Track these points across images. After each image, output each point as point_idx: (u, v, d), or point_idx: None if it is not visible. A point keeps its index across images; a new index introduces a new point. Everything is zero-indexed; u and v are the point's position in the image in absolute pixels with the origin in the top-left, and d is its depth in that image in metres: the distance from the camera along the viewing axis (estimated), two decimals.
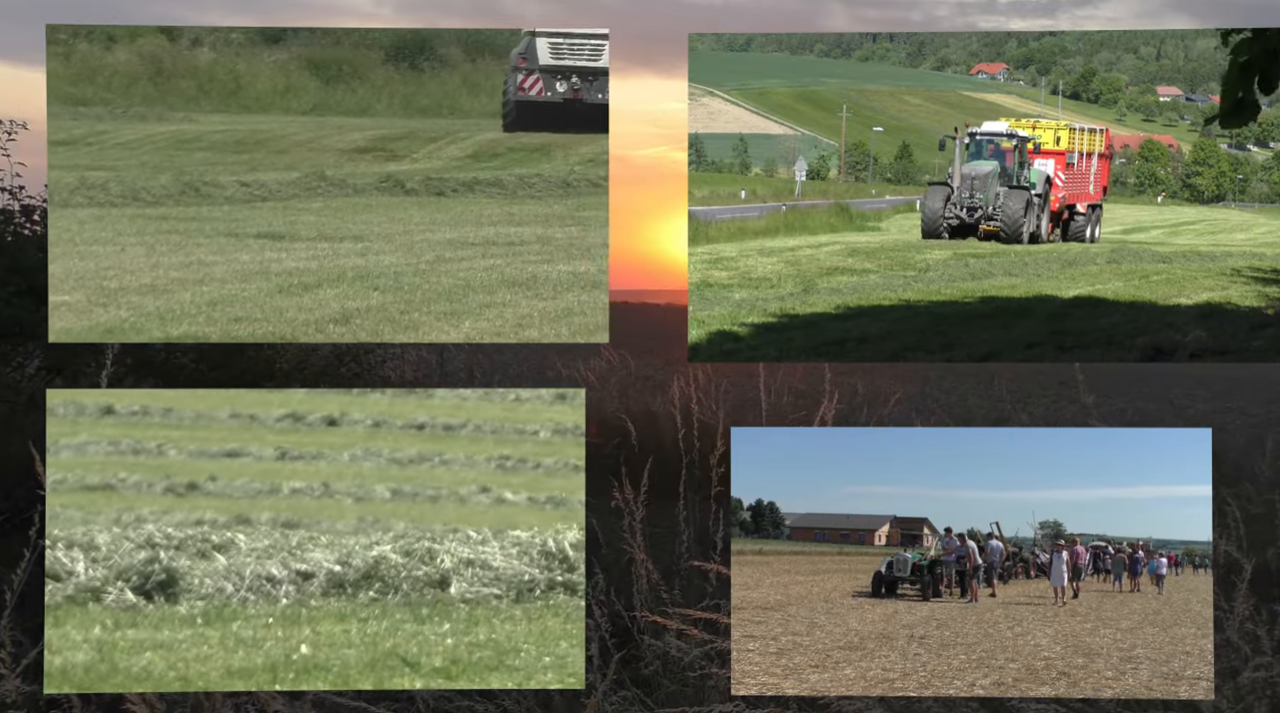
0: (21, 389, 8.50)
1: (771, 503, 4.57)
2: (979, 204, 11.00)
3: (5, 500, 6.70)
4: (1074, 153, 11.55)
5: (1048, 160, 11.41)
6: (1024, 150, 11.61)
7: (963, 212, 10.87)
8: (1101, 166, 11.74)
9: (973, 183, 11.14)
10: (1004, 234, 10.73)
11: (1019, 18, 59.96)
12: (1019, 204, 10.95)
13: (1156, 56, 14.91)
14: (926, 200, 11.25)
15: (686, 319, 5.50)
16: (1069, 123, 11.69)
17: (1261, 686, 4.42)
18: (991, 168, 11.36)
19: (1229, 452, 10.48)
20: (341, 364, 10.46)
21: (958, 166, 11.57)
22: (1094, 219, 11.40)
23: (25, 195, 9.30)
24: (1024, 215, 10.91)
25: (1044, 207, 11.26)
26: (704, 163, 13.37)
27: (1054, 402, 14.81)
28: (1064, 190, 11.31)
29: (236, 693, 4.30)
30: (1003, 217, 10.87)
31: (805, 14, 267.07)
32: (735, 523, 4.67)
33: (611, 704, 4.61)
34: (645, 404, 10.74)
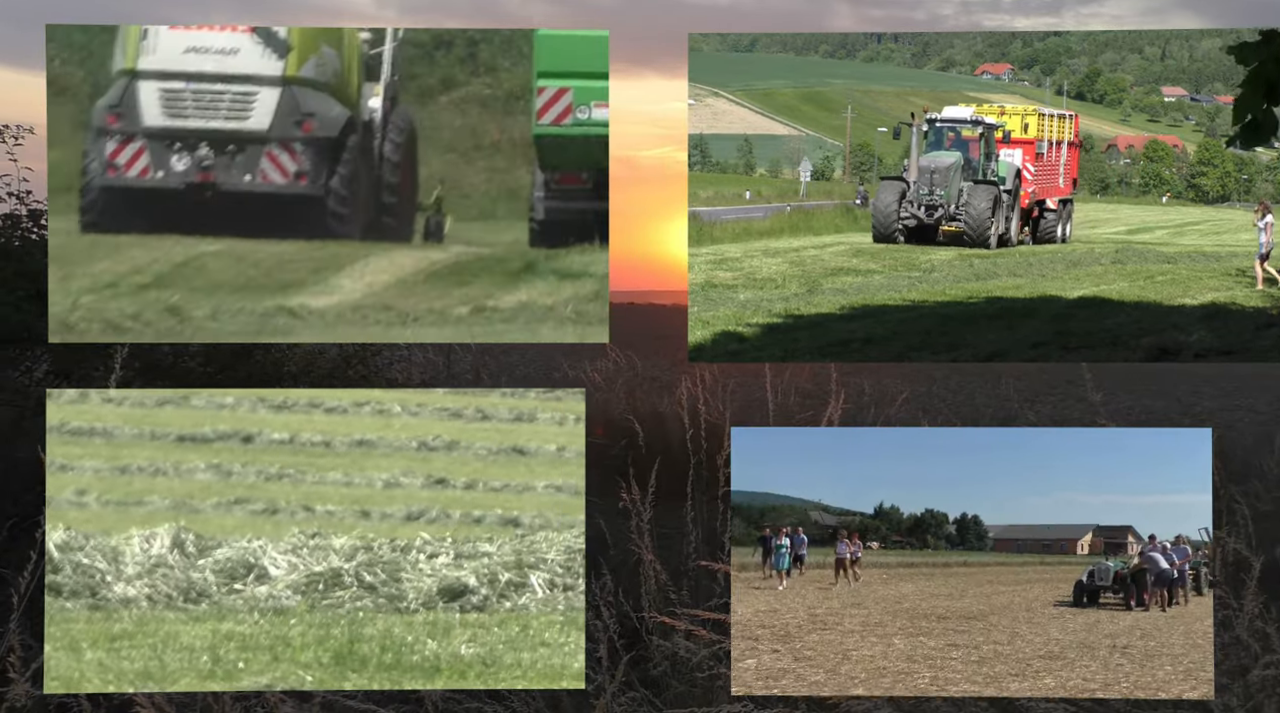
0: (30, 393, 8.51)
1: (975, 516, 4.61)
2: (939, 202, 9.68)
3: (14, 505, 6.71)
4: (1043, 141, 10.44)
5: (1015, 150, 10.25)
6: (991, 139, 10.33)
7: (920, 210, 9.60)
8: (1071, 156, 10.64)
9: (932, 177, 9.85)
10: (968, 236, 9.43)
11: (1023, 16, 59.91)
12: (985, 201, 9.60)
13: (1161, 57, 14.90)
14: (878, 197, 9.88)
15: (686, 320, 5.52)
16: (1037, 107, 10.68)
17: (1271, 683, 4.42)
18: (954, 160, 10.09)
19: (1237, 449, 10.36)
20: (349, 366, 10.47)
21: (914, 158, 10.29)
22: (1065, 216, 10.24)
23: (32, 200, 9.33)
24: (991, 214, 9.56)
25: (1014, 203, 9.93)
26: (709, 164, 13.38)
27: (1061, 401, 14.80)
28: (1034, 184, 10.16)
29: (245, 695, 4.32)
30: (967, 216, 9.52)
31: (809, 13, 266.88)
32: (942, 536, 4.75)
33: (620, 705, 4.61)
34: (652, 405, 10.73)
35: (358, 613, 4.69)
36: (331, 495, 6.31)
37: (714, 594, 5.11)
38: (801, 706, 4.42)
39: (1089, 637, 4.73)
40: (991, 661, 4.42)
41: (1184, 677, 4.33)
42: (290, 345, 9.73)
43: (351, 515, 5.95)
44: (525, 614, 4.72)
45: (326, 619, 4.62)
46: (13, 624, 4.45)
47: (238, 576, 4.88)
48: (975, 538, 4.80)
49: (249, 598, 4.76)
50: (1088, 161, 13.21)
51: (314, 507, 6.04)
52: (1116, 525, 4.94)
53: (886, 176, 10.27)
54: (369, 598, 4.79)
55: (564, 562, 4.87)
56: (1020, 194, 9.99)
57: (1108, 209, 12.59)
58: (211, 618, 4.63)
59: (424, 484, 6.59)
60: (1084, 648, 4.57)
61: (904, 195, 9.72)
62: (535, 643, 4.49)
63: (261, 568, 4.91)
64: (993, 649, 4.54)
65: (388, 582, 4.89)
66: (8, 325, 8.32)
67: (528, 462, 7.04)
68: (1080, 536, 5.25)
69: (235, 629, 4.53)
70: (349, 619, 4.63)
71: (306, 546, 5.11)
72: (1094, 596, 5.21)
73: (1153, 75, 14.64)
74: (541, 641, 4.51)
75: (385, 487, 6.57)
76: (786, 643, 4.52)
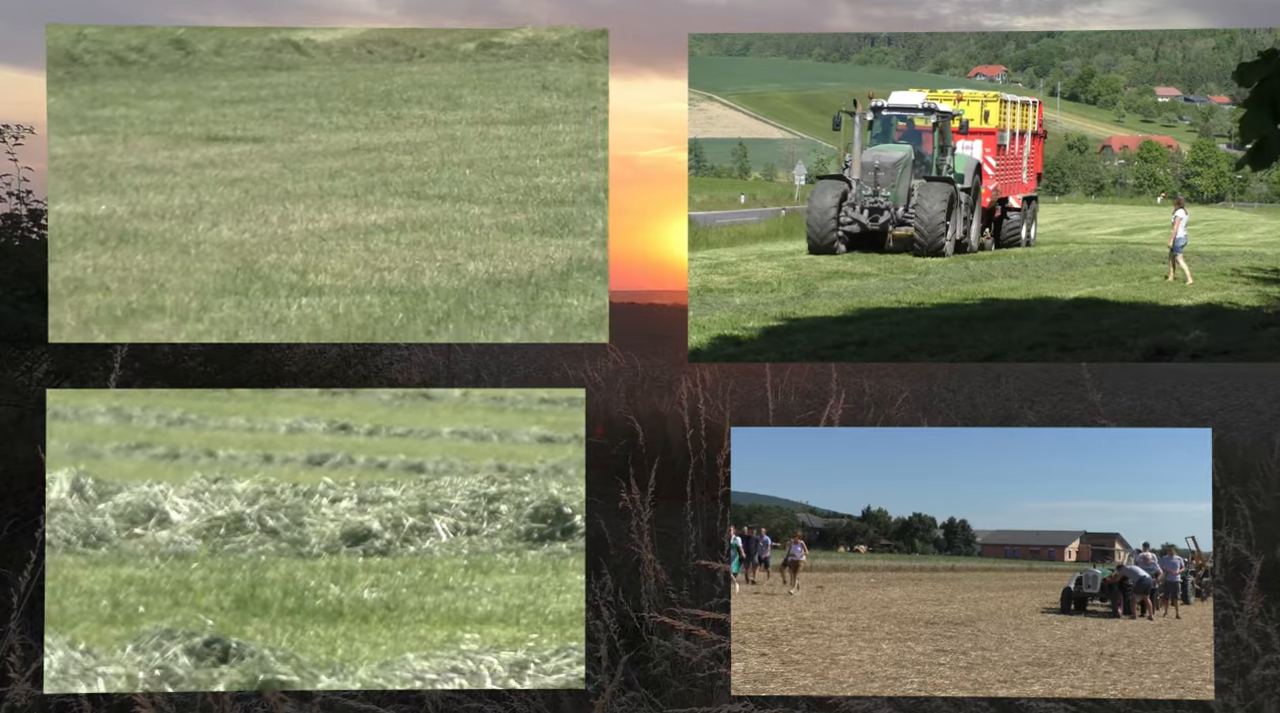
0: (30, 393, 8.52)
1: (964, 520, 4.61)
2: (884, 203, 8.44)
3: (15, 505, 6.72)
4: (1005, 132, 9.13)
5: (974, 142, 8.98)
6: (946, 130, 9.00)
7: (864, 214, 8.38)
8: (1035, 148, 9.48)
9: (876, 174, 8.64)
10: (920, 243, 8.15)
11: (1023, 15, 59.86)
12: (939, 202, 8.23)
13: (1155, 57, 14.93)
14: (813, 200, 8.52)
15: (687, 320, 5.54)
16: (998, 93, 9.30)
17: (1271, 683, 4.44)
18: (902, 154, 8.83)
19: (1237, 450, 10.35)
20: (349, 366, 10.50)
21: (857, 152, 9.08)
22: (1029, 216, 9.04)
23: (32, 200, 9.35)
24: (946, 216, 8.20)
25: (974, 203, 8.59)
26: (703, 167, 13.39)
27: (1061, 401, 14.84)
28: (996, 181, 8.89)
29: (245, 694, 4.32)
30: (918, 219, 8.19)
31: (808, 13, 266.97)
32: (929, 540, 4.75)
33: (620, 705, 4.63)
34: (652, 405, 10.74)
35: (260, 558, 4.62)
36: (234, 440, 6.18)
37: (714, 594, 5.13)
38: (801, 706, 4.44)
39: (1076, 644, 4.75)
40: (980, 667, 4.43)
41: (1183, 677, 4.35)
42: (290, 345, 9.74)
43: (254, 461, 5.85)
44: (429, 559, 4.67)
45: (228, 564, 4.53)
46: (13, 624, 4.46)
47: (138, 520, 4.78)
48: (963, 543, 4.80)
49: (150, 543, 4.66)
50: (1081, 162, 13.24)
51: (216, 452, 5.92)
52: (1104, 533, 4.96)
53: (823, 175, 8.96)
54: (271, 543, 4.70)
55: (468, 506, 4.83)
56: (981, 192, 8.76)
57: (1102, 210, 12.61)
58: (111, 563, 4.55)
59: (327, 430, 6.51)
60: (1072, 655, 4.58)
61: (845, 197, 8.48)
62: (439, 587, 4.44)
63: (162, 513, 4.80)
64: (981, 655, 4.55)
65: (290, 526, 4.79)
66: (8, 325, 8.33)
67: (432, 407, 6.90)
68: (1068, 542, 5.25)
69: (136, 574, 4.45)
70: (251, 564, 4.56)
71: (208, 490, 5.00)
72: (1081, 603, 5.22)
73: (1146, 76, 14.67)
74: (446, 584, 4.47)
75: (289, 432, 6.46)
76: (774, 646, 4.53)
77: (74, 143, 6.36)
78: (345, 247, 5.30)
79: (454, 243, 5.43)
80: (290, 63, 7.20)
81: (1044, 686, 4.29)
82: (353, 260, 5.08)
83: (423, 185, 6.20)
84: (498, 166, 6.40)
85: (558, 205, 5.84)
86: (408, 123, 7.07)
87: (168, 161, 6.40)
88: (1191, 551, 4.69)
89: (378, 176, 6.39)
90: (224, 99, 7.10)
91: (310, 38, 6.49)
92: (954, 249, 8.19)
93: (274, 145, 6.82)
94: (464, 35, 6.59)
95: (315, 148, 6.75)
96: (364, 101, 7.16)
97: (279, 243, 5.36)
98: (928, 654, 4.46)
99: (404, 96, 7.28)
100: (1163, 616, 4.99)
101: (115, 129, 6.81)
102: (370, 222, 5.78)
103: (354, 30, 6.32)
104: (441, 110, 7.16)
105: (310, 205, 5.93)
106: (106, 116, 6.89)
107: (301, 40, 7.06)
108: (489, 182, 6.19)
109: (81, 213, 5.60)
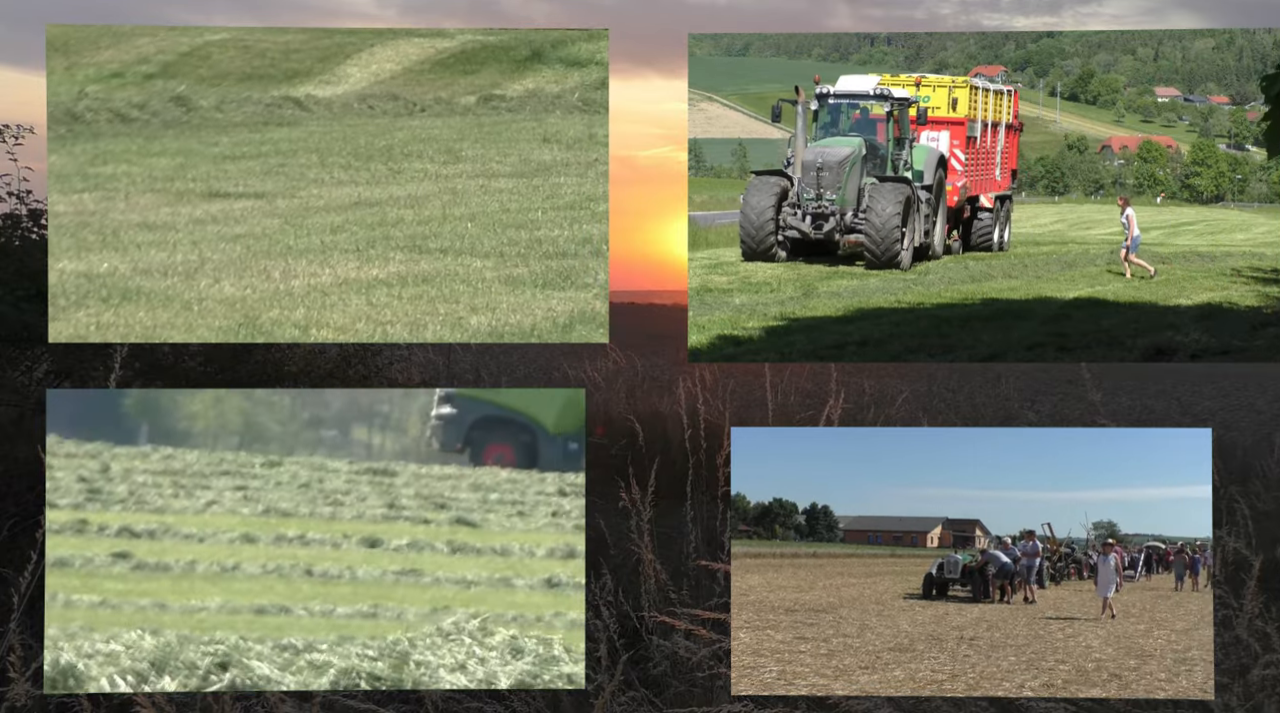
0: (30, 393, 8.52)
1: (826, 506, 4.61)
2: (830, 208, 7.29)
3: (15, 505, 6.72)
4: (976, 122, 8.07)
5: (939, 134, 7.92)
6: (904, 120, 7.78)
7: (805, 221, 7.27)
8: (1011, 142, 8.49)
9: (819, 175, 7.42)
10: (872, 253, 7.12)
11: (1022, 15, 59.86)
12: (893, 206, 7.09)
13: (1154, 57, 14.94)
14: (746, 200, 7.47)
15: (687, 320, 5.54)
16: (967, 79, 8.16)
17: (1271, 683, 4.45)
18: (850, 150, 7.61)
19: (1236, 450, 10.37)
20: (349, 366, 10.51)
21: (800, 146, 7.85)
22: (1003, 217, 8.04)
23: (33, 199, 9.35)
24: (901, 222, 7.06)
25: (937, 203, 7.46)
26: (703, 168, 13.39)
27: (1061, 400, 14.85)
28: (964, 177, 7.88)
29: (245, 694, 4.32)
30: (870, 225, 7.08)
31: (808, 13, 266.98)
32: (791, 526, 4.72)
33: (620, 704, 4.63)
34: (652, 405, 10.75)
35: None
36: None
37: (714, 594, 5.13)
38: (801, 706, 4.45)
39: (937, 629, 4.81)
40: (840, 653, 4.45)
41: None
42: (290, 345, 9.75)
43: None
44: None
45: None
46: (13, 624, 4.46)
47: None
48: (825, 529, 4.80)
49: None
50: (1081, 162, 13.23)
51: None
52: (964, 519, 4.98)
53: (760, 171, 7.76)
54: None
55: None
56: (946, 190, 7.66)
57: (1102, 211, 12.62)
58: None
59: None
60: (932, 640, 4.62)
61: (784, 196, 7.40)
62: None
63: None
64: (842, 642, 4.58)
65: None
66: (8, 325, 8.33)
67: None
68: (930, 528, 5.29)
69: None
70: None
71: None
72: (943, 588, 5.30)
73: (1146, 76, 14.68)
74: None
75: None
76: None
77: (76, 201, 6.46)
78: (348, 301, 5.39)
79: (456, 296, 5.49)
80: (291, 118, 7.26)
81: (905, 670, 4.30)
82: (355, 314, 5.15)
83: (424, 239, 6.26)
84: (499, 219, 6.47)
85: (560, 258, 5.90)
86: (409, 177, 7.11)
87: (169, 218, 6.47)
88: (1047, 537, 4.76)
89: (379, 231, 6.46)
90: (225, 155, 7.18)
91: (311, 93, 6.51)
92: (913, 258, 7.24)
93: (275, 201, 6.86)
94: (465, 88, 6.60)
95: (317, 203, 6.82)
96: (365, 156, 7.23)
97: (281, 298, 5.46)
98: (787, 643, 4.46)
99: (405, 150, 7.35)
100: (1022, 600, 5.10)
101: (117, 186, 6.86)
102: (372, 276, 5.84)
103: (355, 85, 6.33)
104: (442, 164, 7.21)
105: (312, 260, 6.01)
106: (108, 174, 7.00)
107: (302, 95, 7.11)
108: (490, 235, 6.26)
109: (83, 271, 5.70)
